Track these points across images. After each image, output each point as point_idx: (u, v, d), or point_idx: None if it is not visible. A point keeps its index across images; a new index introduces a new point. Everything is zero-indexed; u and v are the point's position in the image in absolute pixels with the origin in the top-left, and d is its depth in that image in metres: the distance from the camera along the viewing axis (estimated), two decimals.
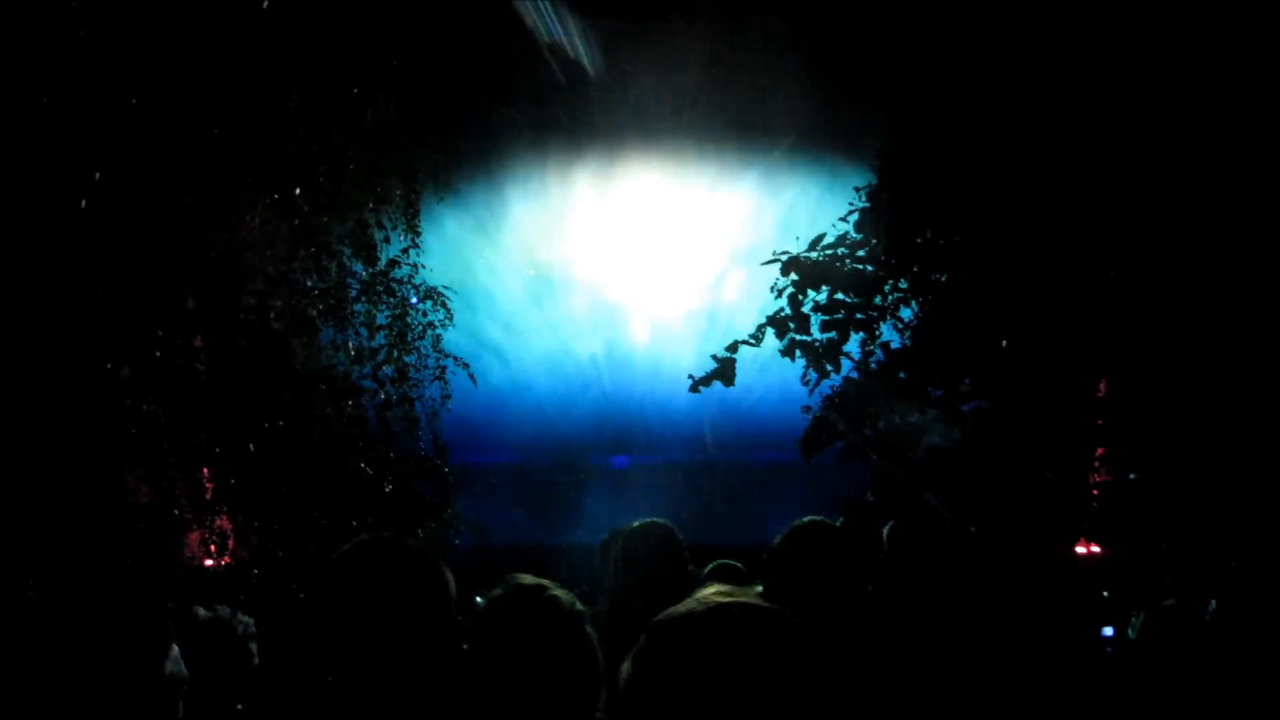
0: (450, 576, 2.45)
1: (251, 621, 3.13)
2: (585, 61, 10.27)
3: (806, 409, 5.89)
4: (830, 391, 5.74)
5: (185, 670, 2.53)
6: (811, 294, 5.51)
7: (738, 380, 6.01)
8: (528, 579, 2.56)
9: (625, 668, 1.55)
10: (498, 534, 9.25)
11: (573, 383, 13.70)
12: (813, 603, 2.82)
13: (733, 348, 5.79)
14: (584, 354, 13.76)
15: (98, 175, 4.89)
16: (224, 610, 3.19)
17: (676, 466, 13.64)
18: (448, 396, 8.46)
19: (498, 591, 2.55)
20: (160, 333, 6.22)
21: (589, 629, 2.45)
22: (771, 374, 13.40)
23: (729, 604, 1.48)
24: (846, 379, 5.72)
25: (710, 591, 1.63)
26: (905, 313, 5.75)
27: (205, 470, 6.46)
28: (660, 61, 10.50)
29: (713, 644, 1.43)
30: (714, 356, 5.78)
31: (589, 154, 11.72)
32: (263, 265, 6.19)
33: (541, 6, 8.39)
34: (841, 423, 5.62)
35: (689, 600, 1.59)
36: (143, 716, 2.42)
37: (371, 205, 6.96)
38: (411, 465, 7.94)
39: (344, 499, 6.31)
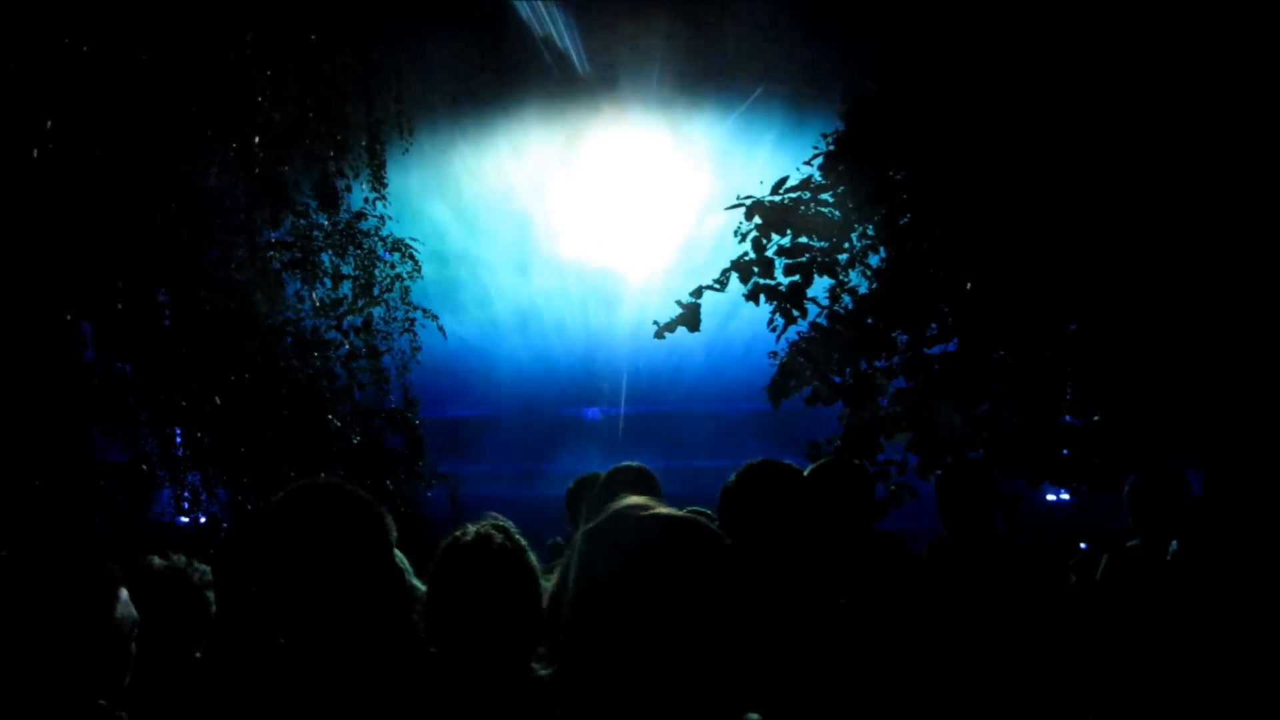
0: (390, 521, 2.41)
1: (208, 569, 3.08)
2: (552, 13, 10.17)
3: (773, 354, 5.88)
4: (798, 338, 5.73)
5: (135, 613, 2.49)
6: (776, 239, 5.48)
7: (709, 329, 5.98)
8: (483, 526, 2.59)
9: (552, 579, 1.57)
10: (470, 487, 9.26)
11: (544, 336, 13.67)
12: (764, 539, 2.82)
13: (697, 293, 5.76)
14: (554, 307, 13.73)
15: (49, 123, 4.76)
16: (179, 559, 3.15)
17: (649, 417, 13.72)
18: (417, 349, 8.42)
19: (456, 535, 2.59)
20: (120, 284, 6.13)
21: (531, 561, 2.50)
22: (742, 322, 13.49)
23: (652, 512, 1.49)
24: (814, 324, 5.71)
25: (630, 501, 1.63)
26: (873, 259, 5.74)
27: (175, 426, 6.42)
28: (627, 10, 10.41)
29: (633, 550, 1.43)
30: (679, 302, 5.75)
31: (558, 104, 11.63)
32: (224, 217, 6.09)
33: None
34: (808, 368, 5.63)
35: (611, 508, 1.59)
36: (95, 659, 2.40)
37: (333, 154, 6.83)
38: (382, 418, 7.92)
39: (313, 452, 6.27)
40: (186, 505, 6.84)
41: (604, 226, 13.07)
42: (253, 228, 6.19)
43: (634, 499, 1.52)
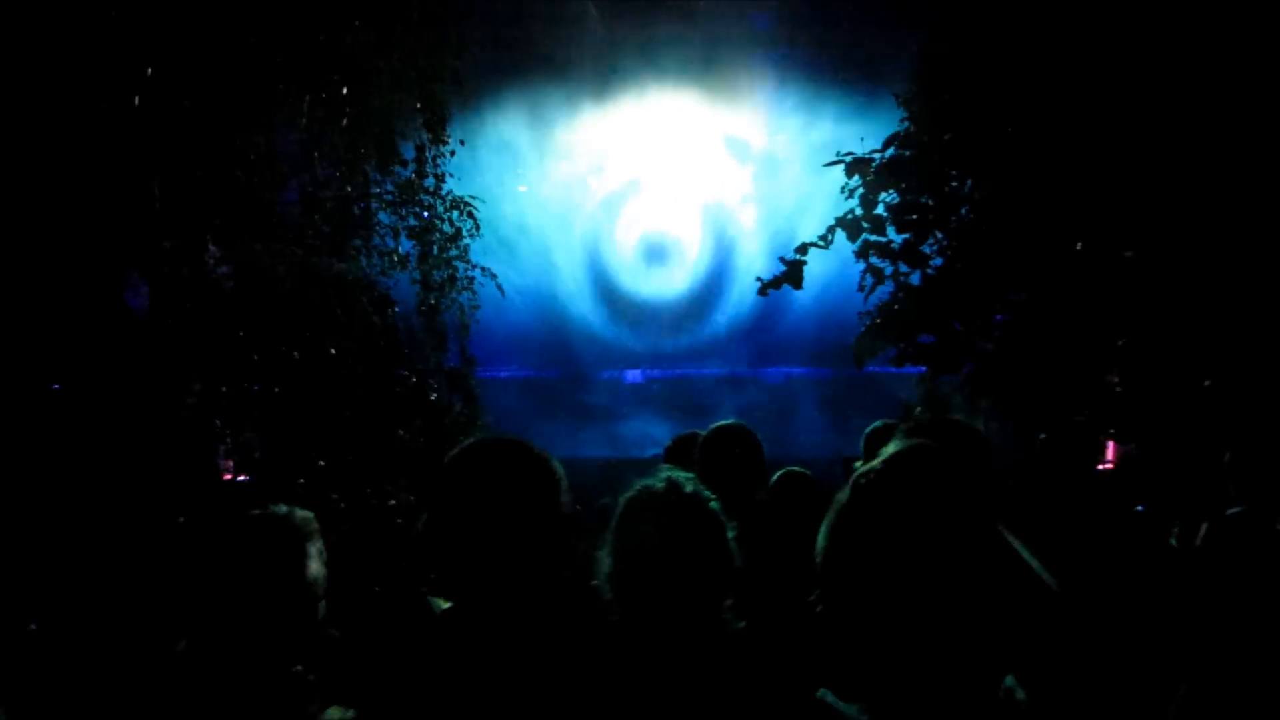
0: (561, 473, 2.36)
1: (312, 516, 2.97)
2: None
3: (865, 314, 5.80)
4: (889, 298, 5.64)
5: (325, 570, 2.46)
6: (883, 196, 5.38)
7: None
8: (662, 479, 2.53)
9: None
10: None
11: (588, 298, 13.60)
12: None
13: (801, 250, 5.67)
14: (595, 268, 13.65)
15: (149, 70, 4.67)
16: (280, 509, 3.02)
17: (688, 380, 13.65)
18: (476, 307, 8.35)
19: (632, 491, 2.53)
20: (166, 244, 6.04)
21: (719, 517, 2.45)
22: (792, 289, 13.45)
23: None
24: (905, 285, 5.63)
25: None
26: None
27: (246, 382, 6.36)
28: None
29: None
30: (782, 259, 5.66)
31: (608, 73, 11.56)
32: (300, 170, 6.02)
33: None
34: (895, 330, 5.55)
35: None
36: (286, 621, 2.36)
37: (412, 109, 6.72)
38: (444, 375, 7.87)
39: (388, 408, 6.23)
40: (246, 460, 6.80)
41: (654, 190, 13.00)
42: (329, 182, 6.09)
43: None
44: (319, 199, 6.03)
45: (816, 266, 5.95)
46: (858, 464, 5.07)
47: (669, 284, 13.65)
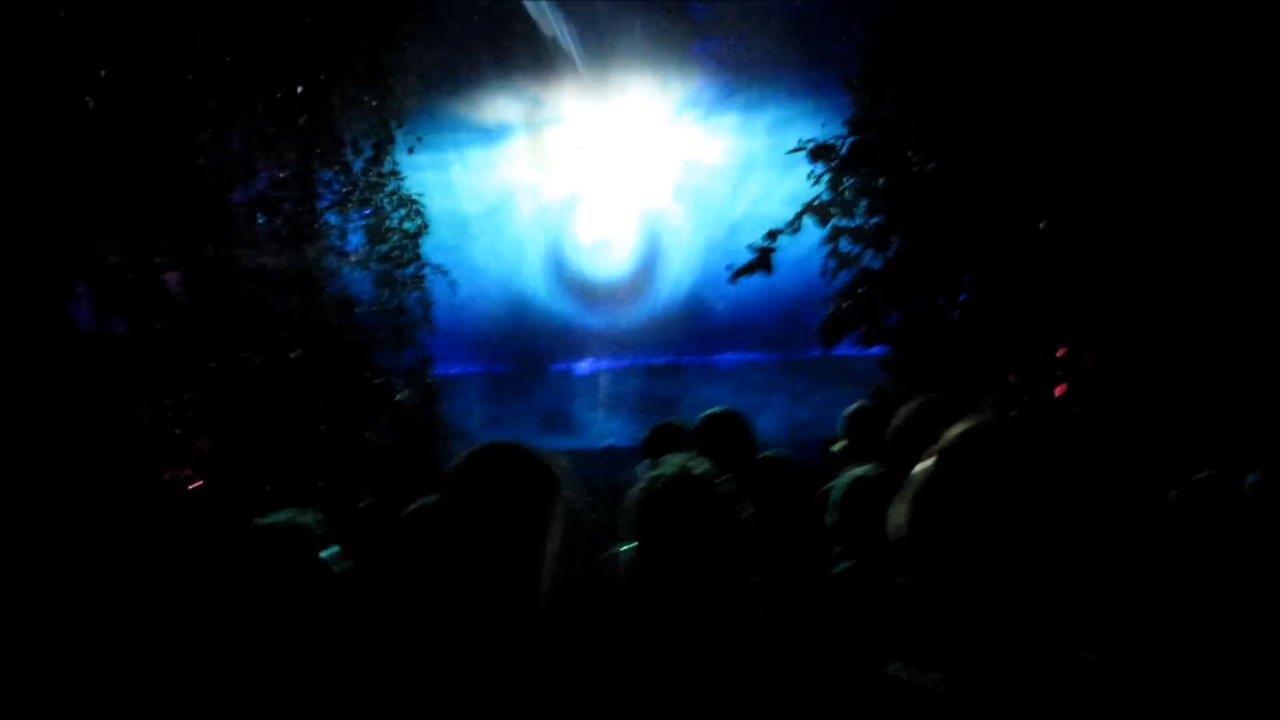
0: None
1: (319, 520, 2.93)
2: None
3: (831, 299, 5.88)
4: (853, 279, 5.73)
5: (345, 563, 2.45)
6: (846, 180, 5.46)
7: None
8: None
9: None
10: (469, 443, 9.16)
11: (534, 293, 13.55)
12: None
13: (771, 236, 5.73)
14: (540, 261, 13.59)
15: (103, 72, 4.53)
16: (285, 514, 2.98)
17: (638, 370, 13.67)
18: (429, 304, 8.27)
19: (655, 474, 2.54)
20: (112, 256, 5.90)
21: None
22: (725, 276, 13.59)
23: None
24: (865, 270, 5.72)
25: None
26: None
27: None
28: None
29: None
30: (751, 247, 5.72)
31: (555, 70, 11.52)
32: (252, 172, 5.89)
33: None
34: (859, 313, 5.63)
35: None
36: (313, 615, 2.34)
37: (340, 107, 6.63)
38: (402, 375, 7.80)
39: (354, 410, 6.16)
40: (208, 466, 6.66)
41: (596, 184, 12.99)
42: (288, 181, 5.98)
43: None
44: (277, 200, 5.92)
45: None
46: (835, 446, 5.15)
47: (612, 275, 13.66)
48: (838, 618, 2.93)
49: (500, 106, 11.81)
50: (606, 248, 13.45)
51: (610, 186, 13.08)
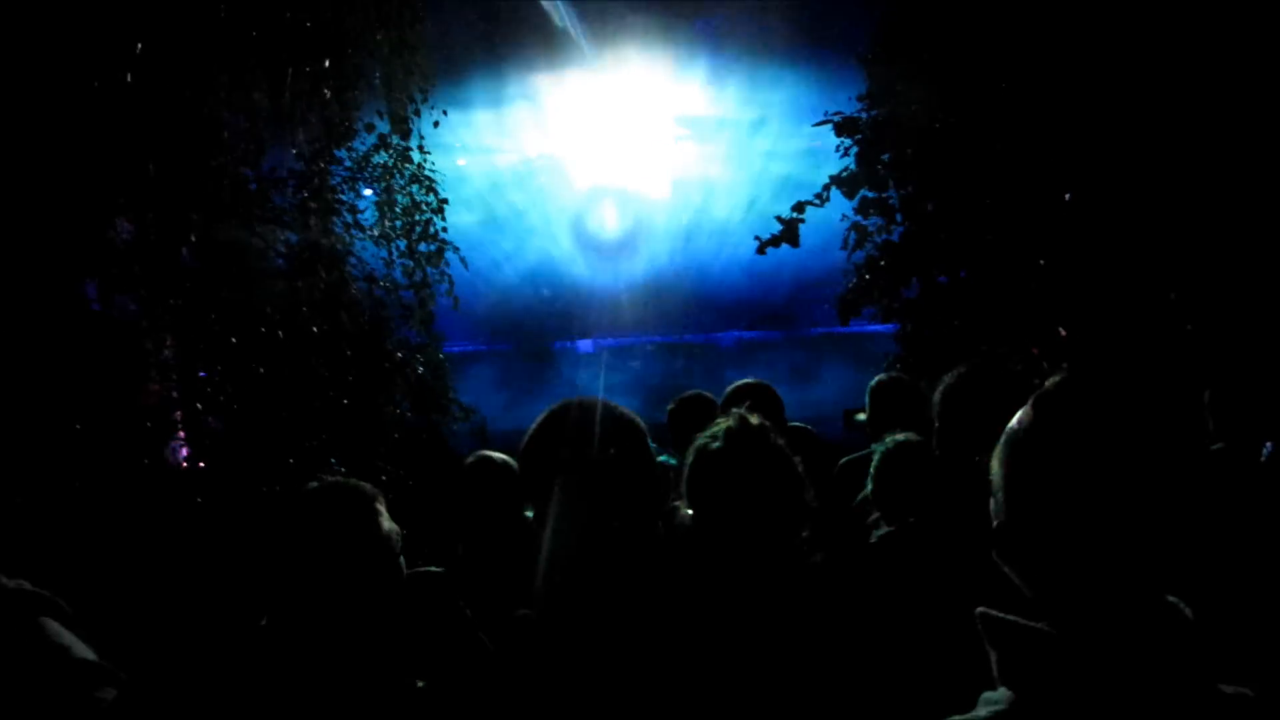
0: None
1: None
2: None
3: (849, 272, 5.92)
4: (875, 252, 5.77)
5: (397, 527, 2.49)
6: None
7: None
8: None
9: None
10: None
11: (536, 268, 13.56)
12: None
13: (798, 208, 5.75)
14: (547, 239, 13.59)
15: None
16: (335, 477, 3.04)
17: (640, 348, 13.74)
18: (436, 281, 8.24)
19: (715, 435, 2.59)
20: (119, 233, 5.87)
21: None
22: (732, 249, 13.59)
23: None
24: (886, 243, 5.75)
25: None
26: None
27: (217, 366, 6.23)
28: None
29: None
30: (779, 218, 5.74)
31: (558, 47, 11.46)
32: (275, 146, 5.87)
33: None
34: (877, 288, 5.68)
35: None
36: (368, 573, 2.38)
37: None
38: (412, 351, 7.79)
39: (375, 386, 6.16)
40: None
41: (600, 158, 12.96)
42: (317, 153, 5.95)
43: None
44: (306, 174, 5.90)
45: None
46: (859, 415, 5.20)
47: (614, 253, 13.66)
48: (884, 579, 2.99)
49: (503, 83, 11.76)
50: (607, 225, 13.47)
51: (611, 164, 13.06)
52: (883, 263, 5.65)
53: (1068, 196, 4.77)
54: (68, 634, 2.17)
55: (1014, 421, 1.62)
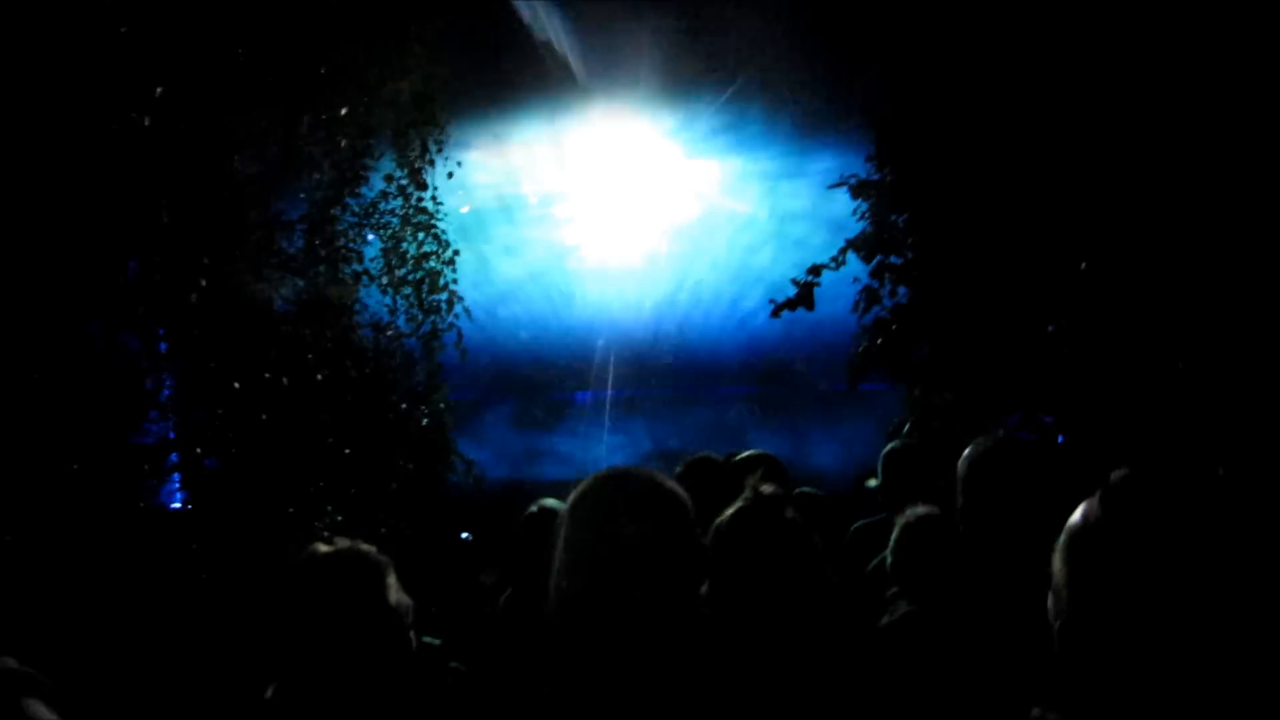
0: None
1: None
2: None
3: (858, 335, 5.91)
4: (885, 315, 5.76)
5: (408, 598, 2.42)
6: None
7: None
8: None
9: None
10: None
11: (535, 319, 13.55)
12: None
13: (814, 271, 5.74)
14: (544, 290, 13.59)
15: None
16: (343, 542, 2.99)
17: (637, 401, 13.69)
18: (444, 330, 8.18)
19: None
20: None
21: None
22: (725, 309, 13.63)
23: None
24: (897, 305, 5.74)
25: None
26: None
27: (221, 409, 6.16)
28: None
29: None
30: (794, 281, 5.73)
31: (558, 94, 11.53)
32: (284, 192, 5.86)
33: None
34: (885, 352, 5.65)
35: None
36: (377, 648, 2.32)
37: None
38: (416, 400, 7.72)
39: (380, 435, 6.09)
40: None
41: (600, 214, 13.01)
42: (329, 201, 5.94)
43: None
44: (320, 220, 5.89)
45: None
46: (870, 482, 5.15)
47: (613, 307, 13.68)
48: (906, 664, 2.93)
49: (496, 125, 11.76)
50: (603, 278, 13.47)
51: (607, 220, 13.10)
52: (894, 326, 5.64)
53: (1083, 265, 4.77)
54: (50, 715, 2.10)
55: (1077, 517, 1.57)
